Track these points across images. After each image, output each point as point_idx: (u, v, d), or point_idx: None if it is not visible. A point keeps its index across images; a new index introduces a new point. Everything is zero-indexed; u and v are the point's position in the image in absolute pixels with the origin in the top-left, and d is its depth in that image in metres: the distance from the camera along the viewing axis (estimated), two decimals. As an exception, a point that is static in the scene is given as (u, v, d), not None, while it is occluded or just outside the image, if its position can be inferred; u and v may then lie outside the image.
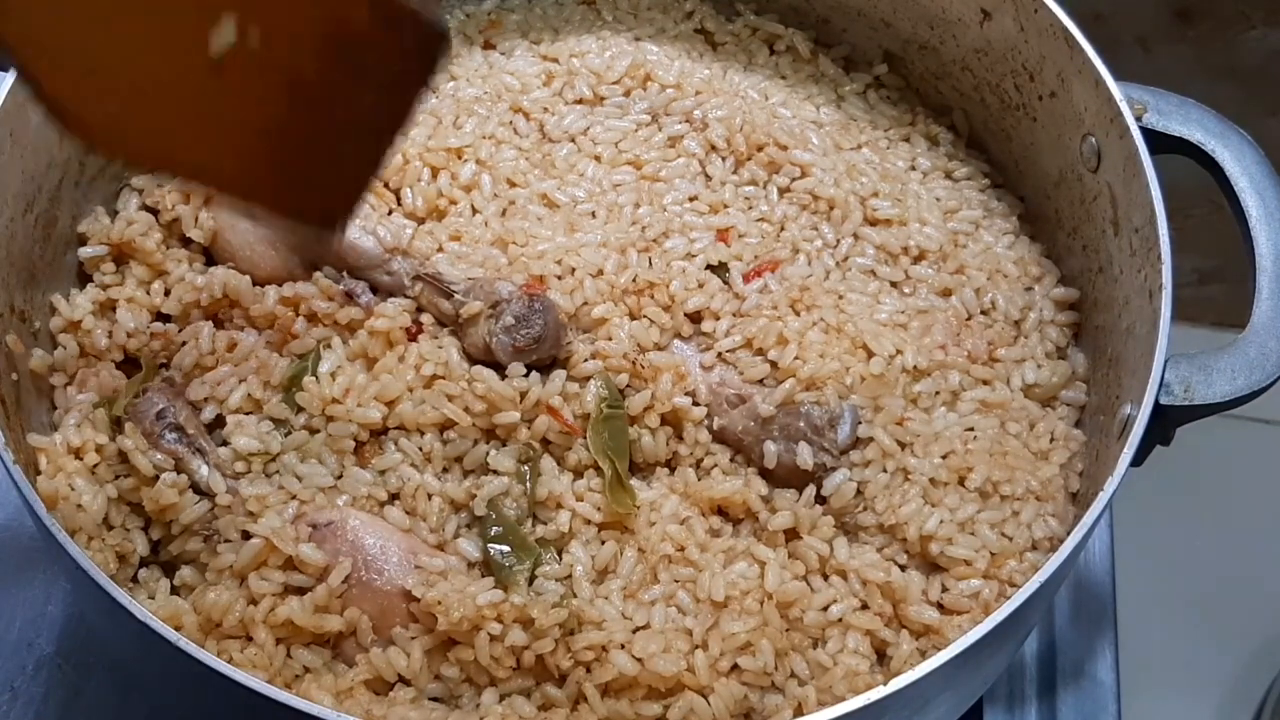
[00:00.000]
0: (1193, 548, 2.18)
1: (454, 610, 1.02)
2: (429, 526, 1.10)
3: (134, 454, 1.09)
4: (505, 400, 1.11)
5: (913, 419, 1.14)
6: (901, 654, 1.07)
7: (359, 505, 1.10)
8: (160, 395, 1.13)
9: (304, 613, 1.04)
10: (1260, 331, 1.10)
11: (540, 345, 1.13)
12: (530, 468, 1.10)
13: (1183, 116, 1.19)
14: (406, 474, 1.11)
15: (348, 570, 1.05)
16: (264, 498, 1.09)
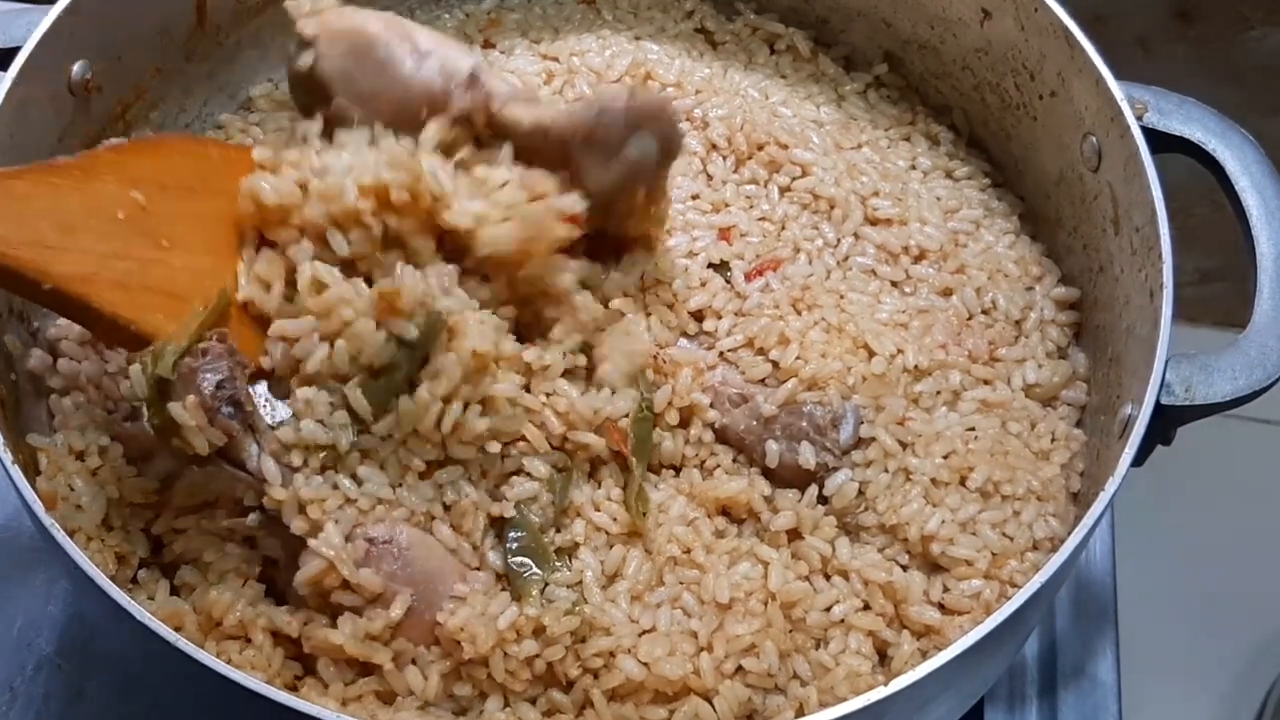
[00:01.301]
0: (1194, 548, 2.18)
1: (482, 642, 1.00)
2: (471, 544, 1.06)
3: (191, 431, 1.00)
4: (583, 420, 1.08)
5: (914, 419, 1.14)
6: (903, 654, 1.07)
7: (413, 521, 1.05)
8: (221, 360, 1.02)
9: (354, 640, 1.01)
10: (1261, 331, 1.10)
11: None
12: (564, 477, 1.09)
13: (1183, 116, 1.19)
14: (464, 490, 1.06)
15: (408, 603, 1.02)
16: (322, 501, 1.03)
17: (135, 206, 1.03)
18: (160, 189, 1.05)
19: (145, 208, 1.03)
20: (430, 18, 1.42)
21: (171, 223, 1.05)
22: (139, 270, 1.01)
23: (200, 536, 1.09)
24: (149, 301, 1.01)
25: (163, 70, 1.28)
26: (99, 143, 1.23)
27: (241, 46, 1.33)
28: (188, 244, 1.05)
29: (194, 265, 1.05)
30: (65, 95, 1.18)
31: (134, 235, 1.02)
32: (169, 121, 1.30)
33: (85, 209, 1.00)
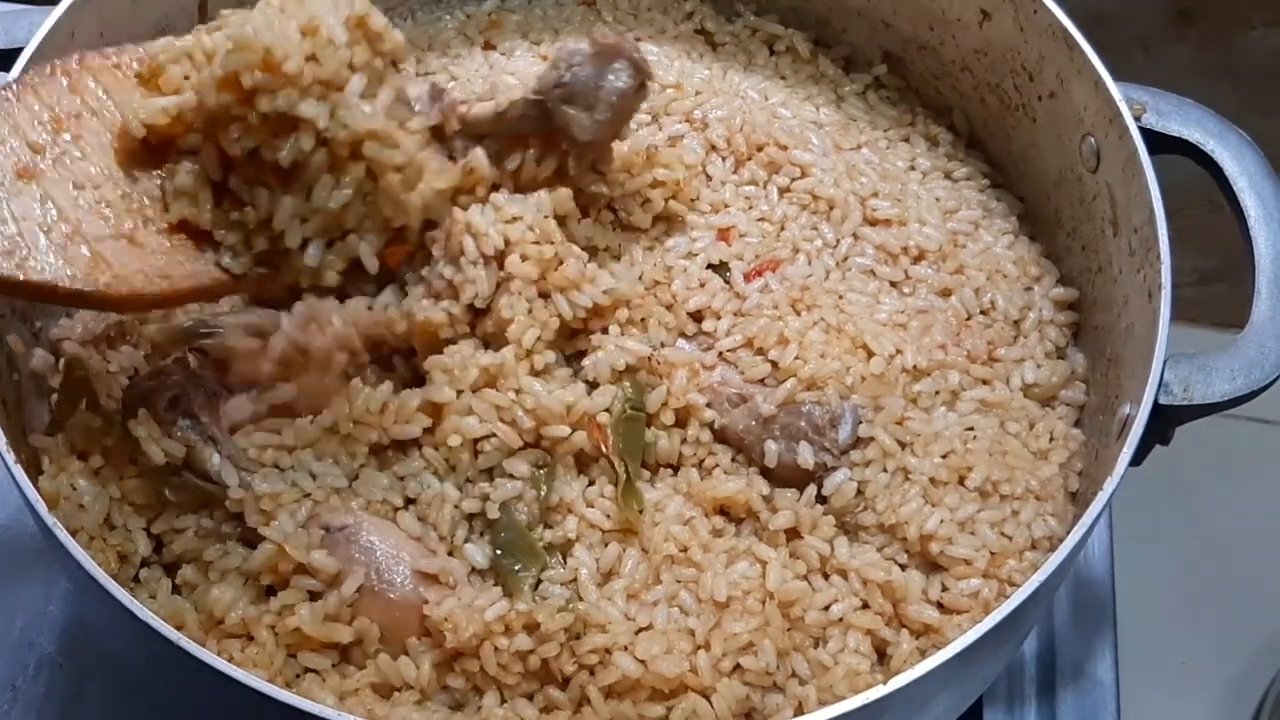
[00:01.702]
0: (1192, 547, 2.18)
1: (464, 630, 1.02)
2: (439, 534, 1.08)
3: (146, 442, 1.08)
4: (553, 415, 1.09)
5: (913, 419, 1.14)
6: (902, 653, 1.07)
7: (373, 510, 1.09)
8: (175, 380, 1.10)
9: (313, 621, 1.04)
10: (1259, 331, 1.10)
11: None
12: (546, 473, 1.10)
13: (1182, 117, 1.19)
14: (427, 481, 1.10)
15: (361, 580, 1.05)
16: (278, 496, 1.08)
17: (29, 153, 0.99)
18: (54, 127, 1.02)
19: (40, 151, 0.99)
20: (431, 19, 1.42)
21: (69, 161, 1.01)
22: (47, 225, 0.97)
23: (200, 536, 1.10)
24: (67, 256, 0.97)
25: (164, 71, 1.27)
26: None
27: (242, 47, 1.33)
28: (94, 180, 1.02)
29: (103, 199, 1.02)
30: (67, 96, 1.17)
31: (38, 186, 0.98)
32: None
33: None
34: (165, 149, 1.05)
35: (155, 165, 1.05)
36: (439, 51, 1.39)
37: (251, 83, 0.99)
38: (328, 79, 1.01)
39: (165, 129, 1.04)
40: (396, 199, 1.07)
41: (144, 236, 1.02)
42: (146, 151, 1.04)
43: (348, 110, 1.02)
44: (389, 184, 1.06)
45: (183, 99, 1.03)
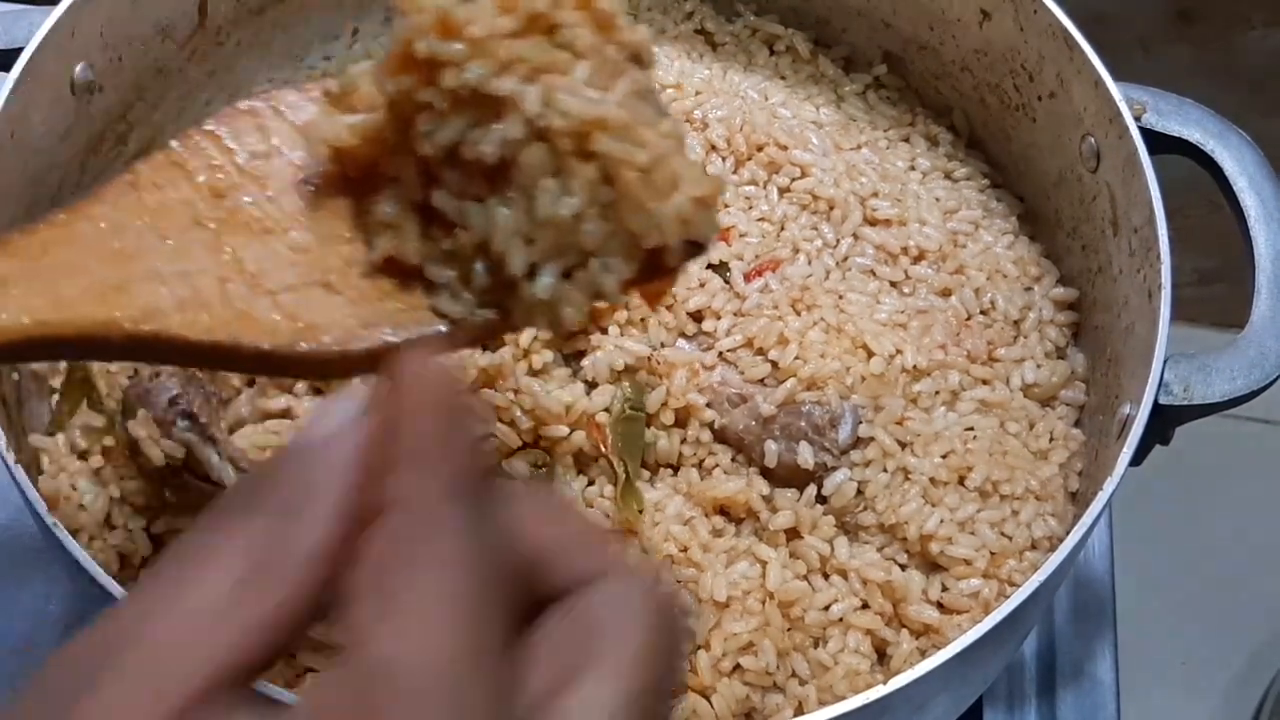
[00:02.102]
0: (1192, 547, 2.18)
1: None
2: None
3: (145, 443, 1.07)
4: (552, 415, 1.09)
5: (913, 418, 1.14)
6: (902, 653, 1.07)
7: None
8: (174, 380, 1.09)
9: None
10: (1259, 331, 1.10)
11: None
12: (545, 473, 1.10)
13: (1182, 117, 1.19)
14: None
15: None
16: None
17: (211, 199, 0.85)
18: (237, 170, 0.87)
19: (223, 195, 0.85)
20: (431, 18, 1.42)
21: (254, 205, 0.86)
22: (227, 276, 0.82)
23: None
24: (249, 309, 0.81)
25: (163, 70, 1.28)
26: (99, 144, 1.24)
27: (242, 47, 1.34)
28: (281, 223, 0.86)
29: (294, 244, 0.85)
30: (67, 96, 1.18)
31: (215, 235, 0.84)
32: (170, 122, 1.31)
33: (143, 228, 0.83)
34: (365, 182, 0.87)
35: (354, 201, 0.87)
36: (439, 51, 1.38)
37: (428, 50, 0.78)
38: (540, 62, 0.79)
39: (357, 151, 0.85)
40: (642, 208, 0.82)
41: (343, 284, 0.85)
42: (343, 186, 0.87)
43: (569, 93, 0.78)
44: (630, 188, 0.81)
45: (375, 116, 0.83)
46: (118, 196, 0.83)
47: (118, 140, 1.26)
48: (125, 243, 0.81)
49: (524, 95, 0.78)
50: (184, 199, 0.85)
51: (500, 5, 0.80)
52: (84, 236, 0.81)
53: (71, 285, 0.78)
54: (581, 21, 0.81)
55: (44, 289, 0.78)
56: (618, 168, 0.81)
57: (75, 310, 0.78)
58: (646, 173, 0.81)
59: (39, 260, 0.79)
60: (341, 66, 1.37)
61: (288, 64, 1.38)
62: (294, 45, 1.38)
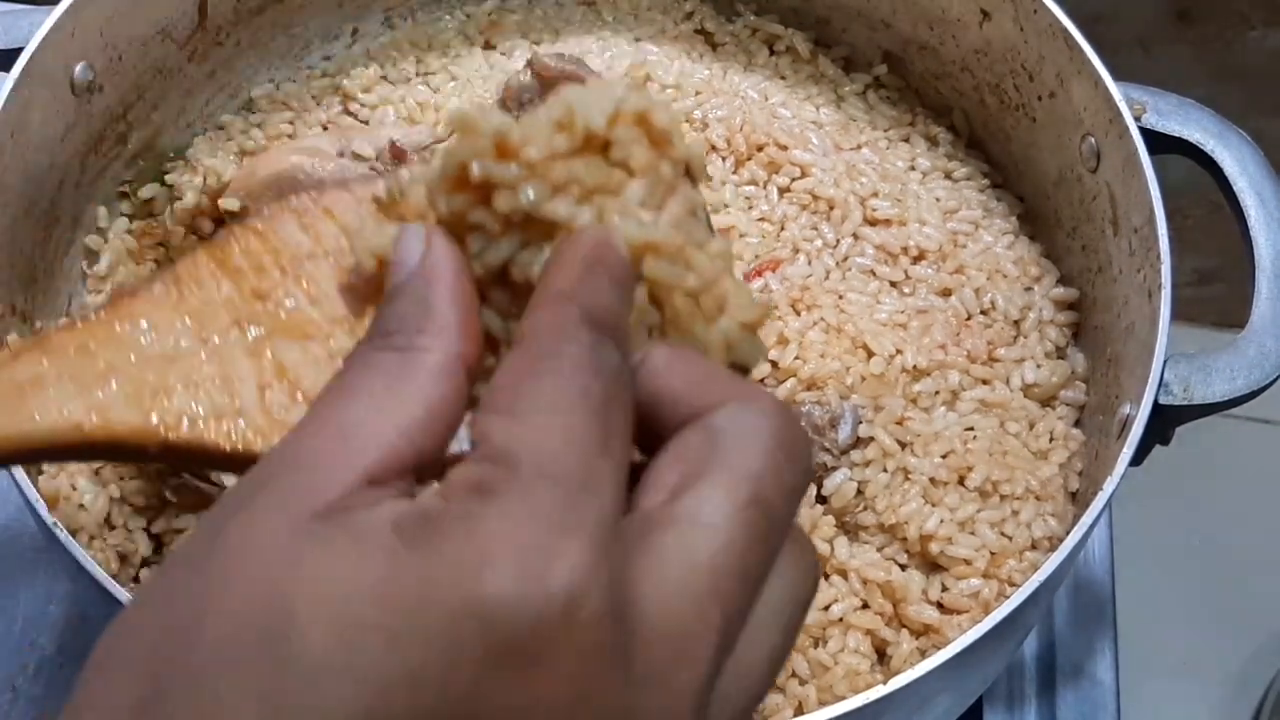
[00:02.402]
0: (1192, 547, 2.18)
1: None
2: None
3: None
4: None
5: (913, 418, 1.14)
6: (901, 653, 1.07)
7: None
8: None
9: None
10: (1259, 331, 1.10)
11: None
12: None
13: (1182, 117, 1.19)
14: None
15: None
16: None
17: (253, 301, 0.83)
18: (281, 272, 0.84)
19: (265, 298, 0.83)
20: (431, 19, 1.42)
21: (296, 309, 0.83)
22: (266, 382, 0.80)
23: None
24: (288, 419, 0.77)
25: (163, 70, 1.28)
26: (99, 144, 1.24)
27: (242, 47, 1.34)
28: (324, 328, 0.83)
29: (336, 350, 0.82)
30: (67, 96, 1.18)
31: (256, 339, 0.81)
32: (170, 122, 1.31)
33: (183, 329, 0.80)
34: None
35: None
36: (439, 52, 1.39)
37: (482, 173, 0.75)
38: (593, 183, 0.77)
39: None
40: (690, 333, 0.79)
41: None
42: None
43: (621, 216, 0.76)
44: (679, 312, 0.78)
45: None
46: (159, 295, 0.81)
47: (118, 140, 1.26)
48: (165, 345, 0.80)
49: (577, 218, 0.75)
50: (226, 299, 0.83)
51: (556, 123, 0.77)
52: (123, 337, 0.79)
53: (109, 389, 0.77)
54: (638, 139, 0.80)
55: (81, 392, 0.76)
56: (667, 293, 0.78)
57: (112, 415, 0.76)
58: (695, 297, 0.79)
59: (77, 360, 0.78)
60: (341, 67, 1.38)
61: (288, 64, 1.38)
62: (294, 45, 1.38)
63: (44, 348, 0.77)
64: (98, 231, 1.26)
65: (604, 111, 0.78)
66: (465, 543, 0.49)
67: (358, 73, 1.35)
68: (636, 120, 0.80)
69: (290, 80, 1.37)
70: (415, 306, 0.60)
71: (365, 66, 1.37)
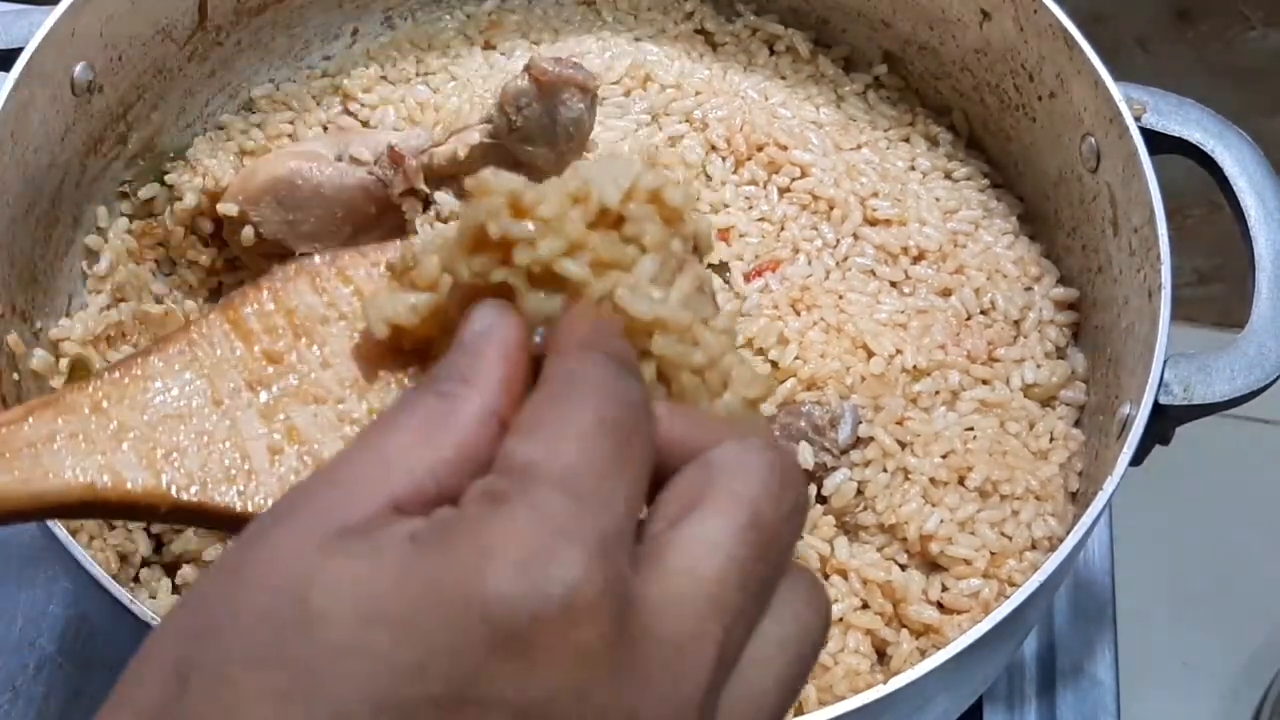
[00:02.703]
0: (1192, 547, 2.18)
1: None
2: None
3: None
4: None
5: (913, 418, 1.14)
6: (901, 653, 1.07)
7: None
8: None
9: None
10: (1259, 331, 1.10)
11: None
12: None
13: (1182, 117, 1.19)
14: None
15: None
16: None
17: (266, 363, 0.84)
18: (293, 334, 0.85)
19: (278, 360, 0.84)
20: (430, 19, 1.43)
21: (308, 372, 0.84)
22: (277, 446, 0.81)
23: (200, 536, 1.10)
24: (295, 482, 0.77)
25: (163, 71, 1.28)
26: (99, 144, 1.24)
27: (242, 47, 1.34)
28: (334, 392, 0.84)
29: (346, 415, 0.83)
30: (67, 96, 1.18)
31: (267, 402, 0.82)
32: (170, 122, 1.31)
33: (195, 390, 0.81)
34: (422, 355, 0.84)
35: (410, 374, 0.85)
36: (439, 52, 1.39)
37: (500, 232, 0.76)
38: (608, 258, 0.77)
39: (417, 329, 0.83)
40: (695, 407, 0.80)
41: None
42: (400, 358, 0.85)
43: (632, 292, 0.77)
44: (685, 388, 0.79)
45: (436, 296, 0.81)
46: (173, 355, 0.83)
47: (118, 140, 1.26)
48: (177, 405, 0.81)
49: (591, 283, 0.76)
50: (239, 361, 0.84)
51: (571, 196, 0.79)
52: (136, 396, 0.80)
53: (121, 449, 0.78)
54: (651, 216, 0.80)
55: (94, 451, 0.77)
56: (674, 370, 0.79)
57: (124, 475, 0.77)
58: (700, 373, 0.80)
59: (91, 419, 0.78)
60: (341, 67, 1.38)
61: (288, 64, 1.38)
62: (294, 45, 1.38)
63: (58, 406, 0.78)
64: (98, 231, 1.26)
65: (619, 188, 0.79)
66: (472, 543, 0.51)
67: (358, 73, 1.35)
68: (650, 197, 0.80)
69: (290, 80, 1.37)
70: (466, 359, 0.63)
71: (365, 66, 1.37)
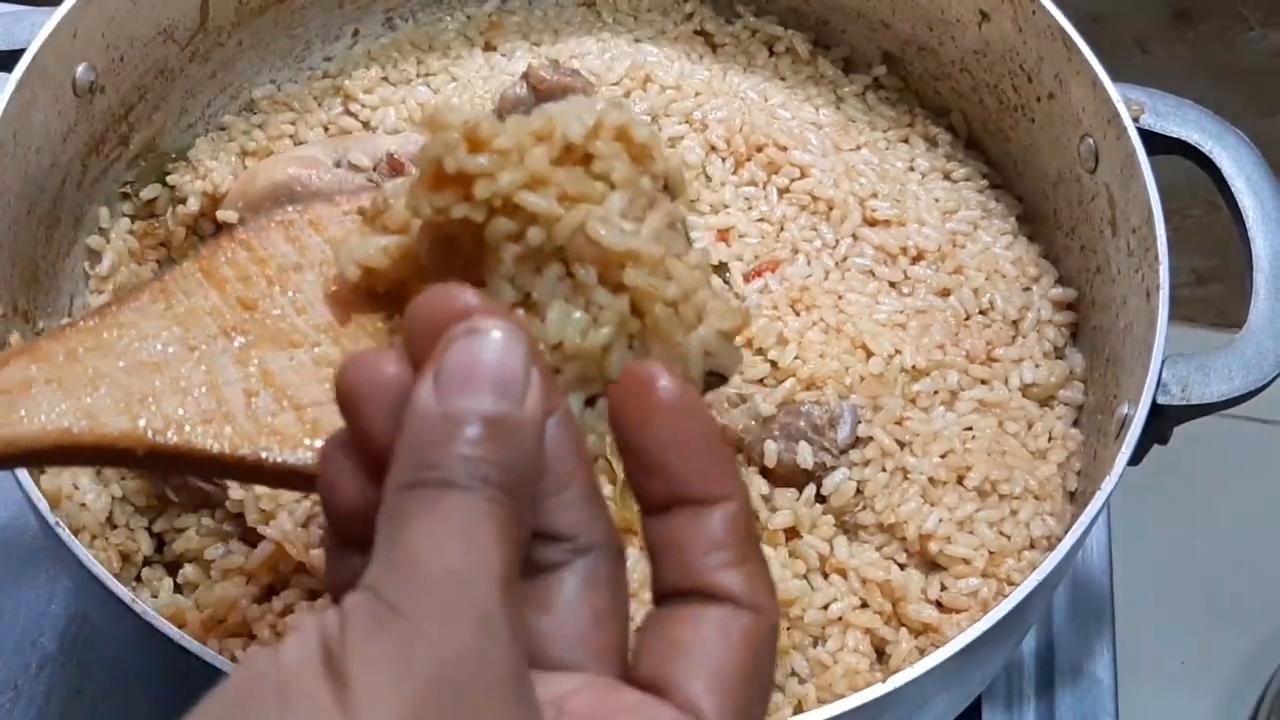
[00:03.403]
0: (1190, 547, 2.18)
1: None
2: None
3: None
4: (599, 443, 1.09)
5: (912, 418, 1.15)
6: (901, 652, 1.07)
7: None
8: None
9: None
10: (1257, 331, 1.11)
11: None
12: None
13: (1180, 117, 1.19)
14: None
15: None
16: (277, 495, 1.07)
17: (240, 310, 0.85)
18: (267, 282, 0.86)
19: (252, 307, 0.85)
20: (431, 19, 1.43)
21: (282, 318, 0.85)
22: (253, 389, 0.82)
23: (201, 535, 1.10)
24: (274, 424, 0.81)
25: (165, 72, 1.28)
26: (101, 145, 1.24)
27: (244, 47, 1.34)
28: (309, 336, 0.85)
29: (321, 358, 0.85)
30: (69, 97, 1.18)
31: (242, 347, 0.83)
32: (171, 123, 1.31)
33: (170, 337, 0.82)
34: (395, 299, 0.86)
35: (383, 318, 0.87)
36: (439, 53, 1.39)
37: (457, 165, 0.77)
38: (575, 193, 0.79)
39: (388, 272, 0.84)
40: (668, 340, 0.82)
41: None
42: (373, 303, 0.87)
43: (604, 224, 0.78)
44: (659, 321, 0.81)
45: (406, 238, 0.84)
46: (147, 304, 0.83)
47: (119, 141, 1.26)
48: (152, 352, 0.81)
49: (553, 214, 0.78)
50: (213, 309, 0.84)
51: (535, 134, 0.79)
52: (111, 344, 0.81)
53: (97, 394, 0.78)
54: (618, 153, 0.81)
55: (69, 397, 0.78)
56: (648, 301, 0.81)
57: (100, 420, 0.78)
58: (674, 306, 0.82)
59: (66, 367, 0.79)
60: (342, 68, 1.38)
61: (289, 65, 1.38)
62: (295, 46, 1.38)
63: (32, 354, 0.78)
64: (99, 232, 1.26)
65: (584, 124, 0.80)
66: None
67: (359, 74, 1.36)
68: (617, 135, 0.81)
69: (291, 81, 1.37)
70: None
71: (366, 67, 1.37)
